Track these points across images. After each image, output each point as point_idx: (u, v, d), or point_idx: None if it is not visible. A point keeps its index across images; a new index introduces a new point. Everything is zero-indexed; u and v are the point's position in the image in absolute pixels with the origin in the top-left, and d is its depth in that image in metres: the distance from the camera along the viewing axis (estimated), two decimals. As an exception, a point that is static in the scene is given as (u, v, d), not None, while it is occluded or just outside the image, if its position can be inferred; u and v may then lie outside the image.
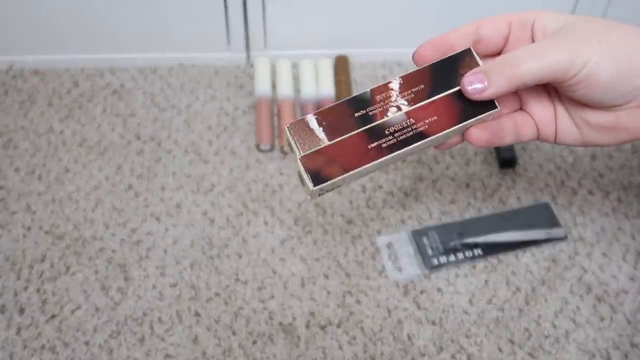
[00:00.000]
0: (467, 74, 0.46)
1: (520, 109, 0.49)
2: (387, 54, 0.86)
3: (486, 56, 0.49)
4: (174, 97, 0.82)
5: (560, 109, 0.48)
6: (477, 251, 0.68)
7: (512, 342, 0.64)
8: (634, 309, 0.66)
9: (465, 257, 0.68)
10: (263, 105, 0.79)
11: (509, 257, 0.69)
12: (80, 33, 0.82)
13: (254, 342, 0.64)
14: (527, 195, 0.73)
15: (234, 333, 0.64)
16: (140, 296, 0.66)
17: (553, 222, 0.70)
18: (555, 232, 0.70)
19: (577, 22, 0.46)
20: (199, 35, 0.83)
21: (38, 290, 0.66)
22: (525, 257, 0.69)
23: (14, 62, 0.84)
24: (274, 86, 0.81)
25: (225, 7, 0.80)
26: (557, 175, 0.75)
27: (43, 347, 0.63)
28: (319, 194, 0.45)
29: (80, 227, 0.71)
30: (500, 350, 0.63)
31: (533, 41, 0.47)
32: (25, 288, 0.67)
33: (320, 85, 0.81)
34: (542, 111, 0.49)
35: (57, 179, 0.74)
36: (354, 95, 0.46)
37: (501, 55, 0.47)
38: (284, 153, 0.76)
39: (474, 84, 0.45)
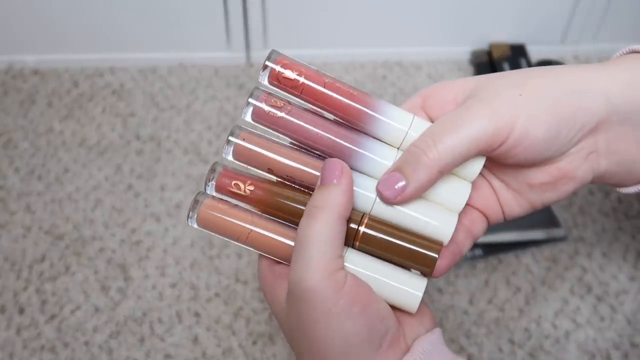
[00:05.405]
0: (381, 178, 0.40)
1: None
2: (387, 54, 0.86)
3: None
4: (173, 97, 0.82)
5: (498, 184, 0.43)
6: (477, 251, 0.68)
7: (512, 342, 0.64)
8: (634, 309, 0.66)
9: (465, 257, 0.68)
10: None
11: (509, 257, 0.69)
12: (80, 33, 0.82)
13: (254, 342, 0.64)
14: (527, 195, 0.73)
15: (234, 333, 0.64)
16: (140, 296, 0.66)
17: (553, 222, 0.70)
18: (555, 232, 0.70)
19: (489, 78, 0.41)
20: (199, 35, 0.83)
21: (38, 290, 0.66)
22: (525, 257, 0.69)
23: (14, 62, 0.84)
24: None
25: (225, 7, 0.80)
26: (557, 175, 0.75)
27: (43, 347, 0.63)
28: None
29: (80, 227, 0.71)
30: (500, 350, 0.63)
31: None
32: (25, 288, 0.67)
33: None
34: (482, 197, 0.43)
35: (56, 179, 0.74)
36: None
37: (412, 143, 0.40)
38: None
39: (389, 187, 0.39)
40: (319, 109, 0.42)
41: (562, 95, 0.39)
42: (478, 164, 0.41)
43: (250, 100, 0.42)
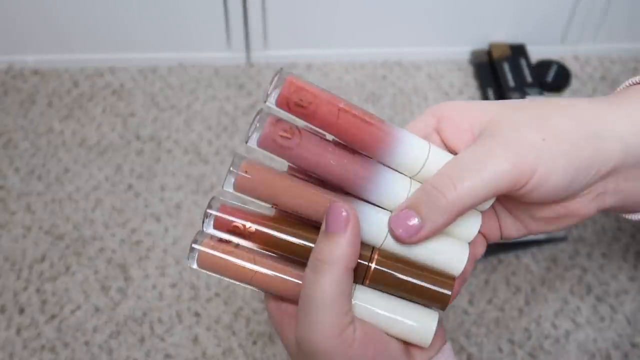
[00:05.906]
0: (393, 214, 0.38)
1: None
2: (387, 54, 0.86)
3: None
4: (173, 97, 0.82)
5: (501, 210, 0.43)
6: (477, 251, 0.68)
7: (512, 342, 0.64)
8: (634, 309, 0.66)
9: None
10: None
11: (509, 257, 0.69)
12: (80, 33, 0.82)
13: (254, 342, 0.64)
14: (527, 195, 0.73)
15: (234, 333, 0.64)
16: (140, 296, 0.66)
17: (553, 222, 0.70)
18: (555, 232, 0.70)
19: (506, 111, 0.39)
20: (199, 35, 0.83)
21: (38, 290, 0.66)
22: (525, 257, 0.69)
23: (14, 62, 0.84)
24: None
25: (225, 7, 0.80)
26: (557, 175, 0.75)
27: (43, 347, 0.63)
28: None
29: (80, 227, 0.71)
30: (500, 350, 0.63)
31: None
32: (25, 288, 0.67)
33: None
34: (485, 220, 0.42)
35: (56, 179, 0.74)
36: None
37: (428, 181, 0.38)
38: None
39: (402, 225, 0.38)
40: (329, 134, 0.39)
41: (582, 139, 0.38)
42: (491, 199, 0.40)
43: (258, 125, 0.38)
